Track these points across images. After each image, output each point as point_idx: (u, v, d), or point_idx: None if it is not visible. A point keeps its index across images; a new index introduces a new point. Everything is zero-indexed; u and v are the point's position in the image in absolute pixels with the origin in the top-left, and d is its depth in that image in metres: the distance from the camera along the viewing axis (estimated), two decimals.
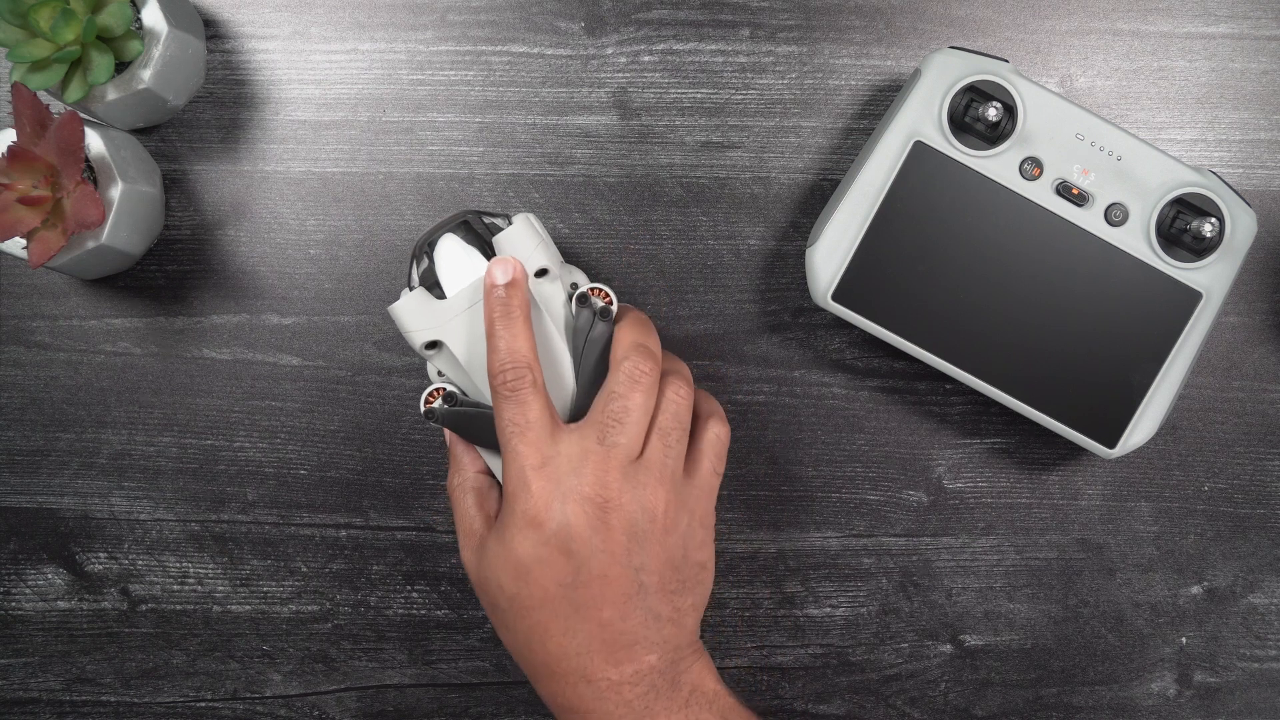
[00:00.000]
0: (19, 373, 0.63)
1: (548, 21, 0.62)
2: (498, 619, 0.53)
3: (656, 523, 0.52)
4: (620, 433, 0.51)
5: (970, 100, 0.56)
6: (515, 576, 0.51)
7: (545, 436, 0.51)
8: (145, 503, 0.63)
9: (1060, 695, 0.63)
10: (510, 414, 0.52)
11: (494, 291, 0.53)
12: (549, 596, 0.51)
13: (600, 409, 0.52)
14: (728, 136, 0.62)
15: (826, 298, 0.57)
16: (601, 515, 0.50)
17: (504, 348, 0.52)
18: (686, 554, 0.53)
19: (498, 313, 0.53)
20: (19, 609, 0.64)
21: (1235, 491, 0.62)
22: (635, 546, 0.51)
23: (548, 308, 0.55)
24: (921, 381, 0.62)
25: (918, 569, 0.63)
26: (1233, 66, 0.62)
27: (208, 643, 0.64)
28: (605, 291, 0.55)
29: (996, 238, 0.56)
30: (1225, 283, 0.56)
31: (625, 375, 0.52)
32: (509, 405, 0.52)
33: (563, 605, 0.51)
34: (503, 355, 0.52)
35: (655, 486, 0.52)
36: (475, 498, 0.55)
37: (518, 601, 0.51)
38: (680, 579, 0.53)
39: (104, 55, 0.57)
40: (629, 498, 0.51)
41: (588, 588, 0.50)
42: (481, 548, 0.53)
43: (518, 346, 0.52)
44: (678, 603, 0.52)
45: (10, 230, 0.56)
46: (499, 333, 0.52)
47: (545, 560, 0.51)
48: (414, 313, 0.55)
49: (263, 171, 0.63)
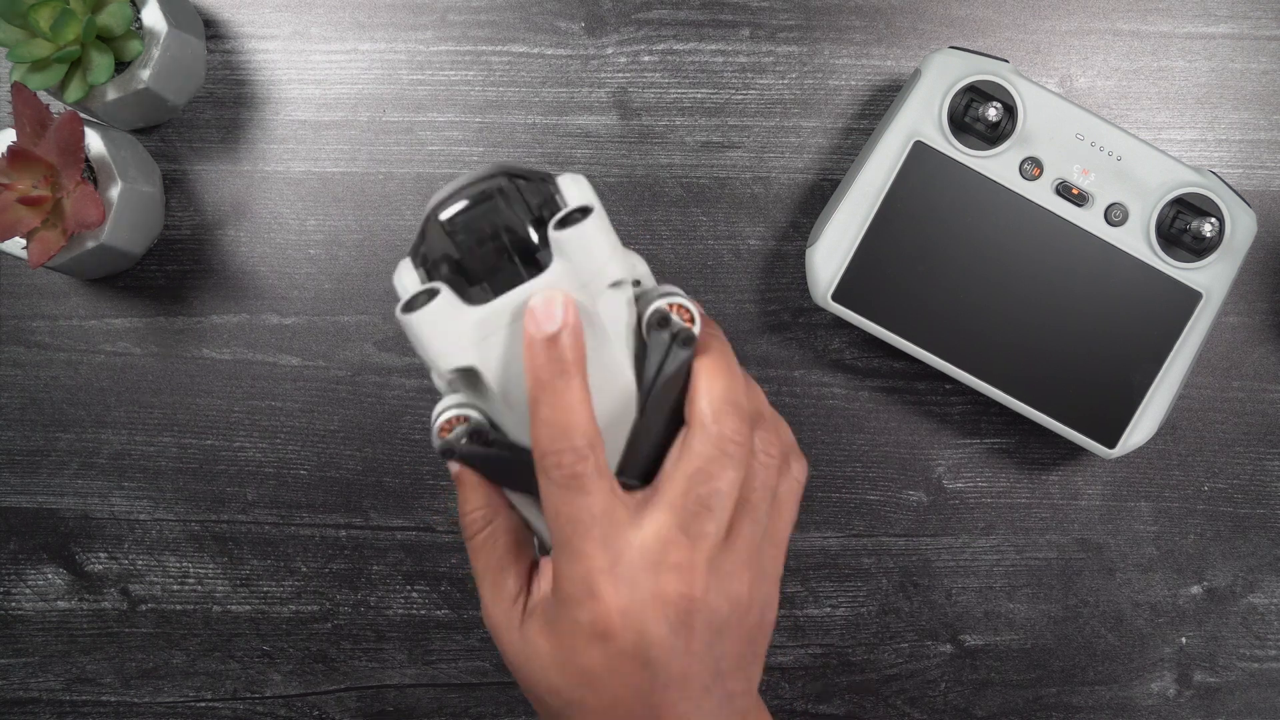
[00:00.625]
0: (19, 373, 0.63)
1: (548, 21, 0.62)
2: (544, 712, 0.45)
3: (740, 608, 0.44)
4: (709, 520, 0.42)
5: (970, 100, 0.56)
6: (578, 684, 0.43)
7: (614, 530, 0.42)
8: (145, 503, 0.63)
9: (1060, 695, 0.63)
10: (568, 508, 0.41)
11: (540, 344, 0.41)
12: (619, 703, 0.43)
13: (683, 488, 0.42)
14: (728, 136, 0.62)
15: (826, 298, 0.57)
16: (685, 619, 0.42)
17: (557, 421, 0.41)
18: (763, 623, 0.46)
19: (546, 374, 0.41)
20: (19, 609, 0.64)
21: (1235, 491, 0.62)
22: (717, 640, 0.43)
23: (610, 320, 0.42)
24: (921, 381, 0.62)
25: (918, 569, 0.63)
26: (1233, 66, 0.62)
27: (208, 643, 0.64)
28: (688, 310, 0.43)
29: (996, 238, 0.56)
30: (1225, 283, 0.56)
31: (716, 446, 0.42)
32: (566, 496, 0.41)
33: (636, 709, 0.43)
34: (556, 432, 0.41)
35: (742, 572, 0.43)
36: (508, 548, 0.45)
37: (577, 707, 0.44)
38: (755, 650, 0.46)
39: (104, 55, 0.57)
40: (716, 593, 0.43)
41: (665, 691, 0.43)
42: (525, 634, 0.44)
43: (575, 421, 0.41)
44: (750, 673, 0.46)
45: (10, 230, 0.56)
46: (549, 401, 0.41)
47: (618, 671, 0.42)
48: (440, 327, 0.40)
49: (263, 171, 0.63)
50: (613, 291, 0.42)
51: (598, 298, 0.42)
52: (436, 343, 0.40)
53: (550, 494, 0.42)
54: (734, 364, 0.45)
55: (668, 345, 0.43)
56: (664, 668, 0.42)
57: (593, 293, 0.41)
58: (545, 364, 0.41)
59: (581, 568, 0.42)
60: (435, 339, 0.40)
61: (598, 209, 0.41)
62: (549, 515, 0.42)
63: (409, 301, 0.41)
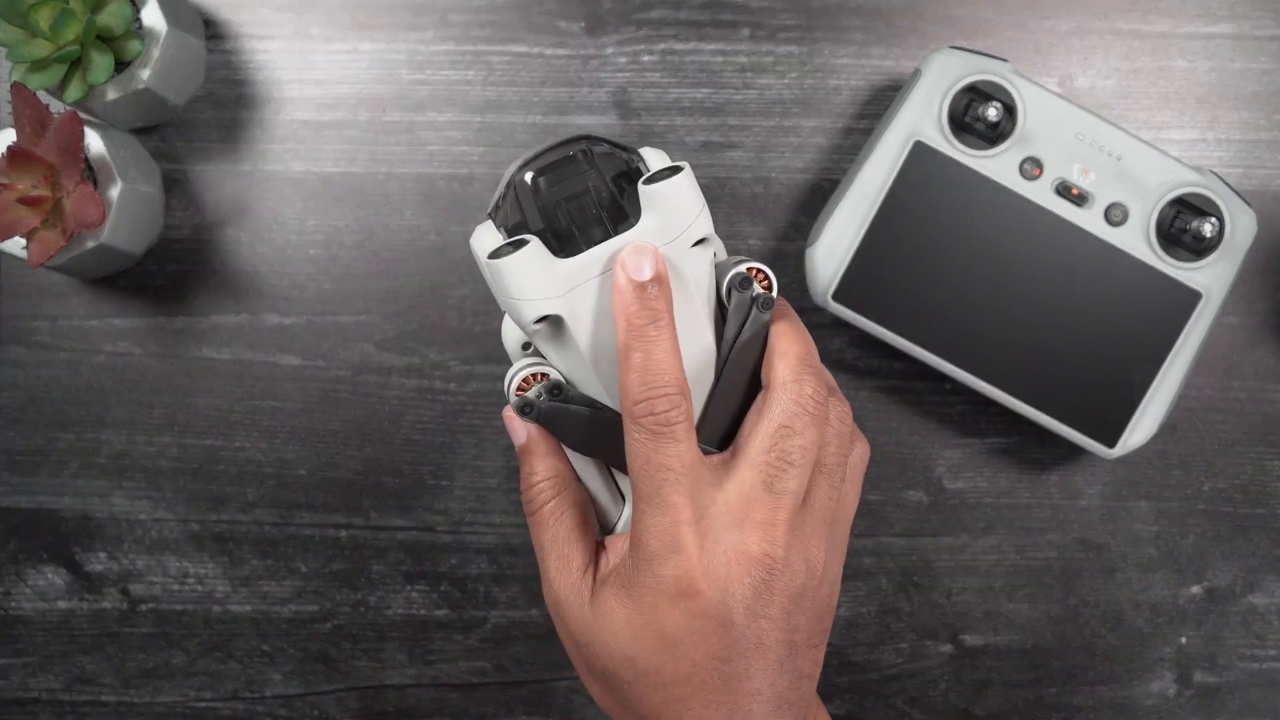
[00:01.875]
0: (19, 373, 0.63)
1: (548, 21, 0.62)
2: (611, 688, 0.44)
3: (815, 577, 0.44)
4: (792, 477, 0.43)
5: (970, 100, 0.56)
6: (658, 649, 0.42)
7: (702, 483, 0.42)
8: (145, 503, 0.63)
9: (1060, 695, 0.63)
10: (659, 456, 0.41)
11: (632, 291, 0.41)
12: (697, 670, 0.43)
13: (766, 444, 0.43)
14: (728, 136, 0.62)
15: (826, 298, 0.57)
16: (767, 578, 0.42)
17: (650, 367, 0.41)
18: (830, 604, 0.46)
19: (640, 320, 0.41)
20: (19, 609, 0.64)
21: (1235, 491, 0.62)
22: (794, 608, 0.43)
23: (693, 279, 0.43)
24: (921, 381, 0.62)
25: (918, 569, 0.63)
26: (1233, 66, 0.62)
27: (208, 643, 0.64)
28: (765, 275, 0.45)
29: (996, 238, 0.56)
30: (1225, 283, 0.56)
31: (797, 403, 0.43)
32: (658, 444, 0.41)
33: (711, 679, 0.43)
34: (649, 378, 0.41)
35: (819, 537, 0.44)
36: (576, 521, 0.45)
37: (653, 676, 0.43)
38: (823, 629, 0.46)
39: (104, 55, 0.57)
40: (795, 554, 0.43)
41: (743, 659, 0.43)
42: (597, 604, 0.43)
43: (668, 368, 0.41)
44: (816, 656, 0.46)
45: (10, 230, 0.56)
46: (642, 348, 0.41)
47: (699, 632, 0.42)
48: (530, 274, 0.40)
49: (263, 171, 0.63)
50: (697, 250, 0.43)
51: (684, 255, 0.42)
52: (527, 289, 0.40)
53: (640, 442, 0.41)
54: (807, 332, 0.45)
55: (748, 308, 0.43)
56: (743, 632, 0.42)
57: (680, 249, 0.42)
58: (638, 310, 0.41)
59: (668, 519, 0.41)
60: (526, 285, 0.40)
61: (687, 168, 0.42)
62: (636, 466, 0.42)
63: (496, 250, 0.41)
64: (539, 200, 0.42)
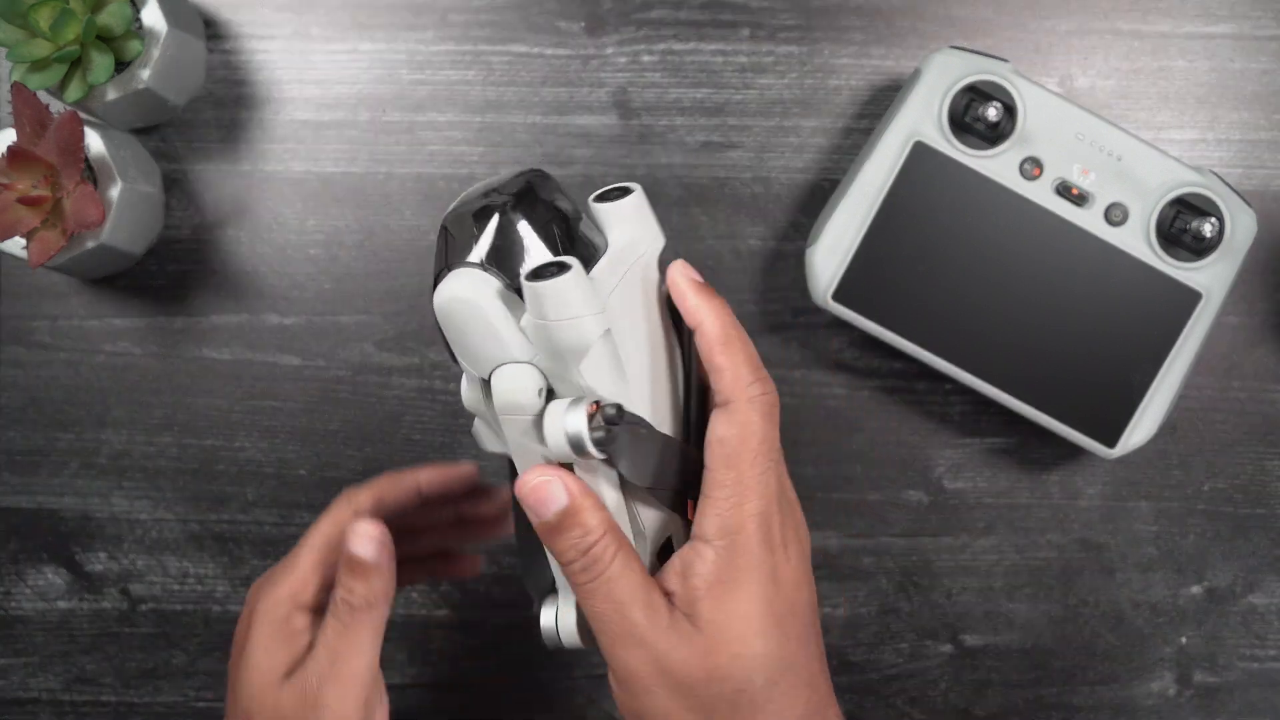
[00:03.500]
0: (19, 373, 0.63)
1: (548, 21, 0.62)
2: (702, 705, 0.41)
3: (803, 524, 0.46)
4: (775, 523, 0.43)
5: (970, 100, 0.56)
6: (778, 633, 0.42)
7: None
8: (145, 503, 0.63)
9: (1060, 695, 0.63)
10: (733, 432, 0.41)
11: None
12: (800, 660, 0.44)
13: (759, 526, 0.41)
14: (728, 136, 0.62)
15: (826, 298, 0.57)
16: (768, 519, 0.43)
17: None
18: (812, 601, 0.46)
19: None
20: (19, 609, 0.64)
21: (1235, 491, 0.62)
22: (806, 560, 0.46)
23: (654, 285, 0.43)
24: (921, 381, 0.62)
25: (918, 569, 0.63)
26: (1233, 66, 0.62)
27: (208, 643, 0.64)
28: None
29: (996, 238, 0.56)
30: (1225, 283, 0.56)
31: (762, 484, 0.42)
32: None
33: (811, 667, 0.45)
34: None
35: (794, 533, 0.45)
36: (640, 566, 0.41)
37: (785, 671, 0.43)
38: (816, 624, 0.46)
39: (104, 55, 0.57)
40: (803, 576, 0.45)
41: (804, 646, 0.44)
42: (699, 618, 0.41)
43: None
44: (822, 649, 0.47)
45: (10, 230, 0.56)
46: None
47: (806, 602, 0.45)
48: (585, 285, 0.37)
49: (263, 171, 0.63)
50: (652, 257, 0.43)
51: (648, 265, 0.43)
52: (593, 301, 0.37)
53: None
54: (719, 305, 0.44)
55: None
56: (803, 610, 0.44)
57: (646, 260, 0.43)
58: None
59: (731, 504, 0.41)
60: (591, 298, 0.37)
61: (638, 188, 0.42)
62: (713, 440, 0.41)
63: (537, 271, 0.37)
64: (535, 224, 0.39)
